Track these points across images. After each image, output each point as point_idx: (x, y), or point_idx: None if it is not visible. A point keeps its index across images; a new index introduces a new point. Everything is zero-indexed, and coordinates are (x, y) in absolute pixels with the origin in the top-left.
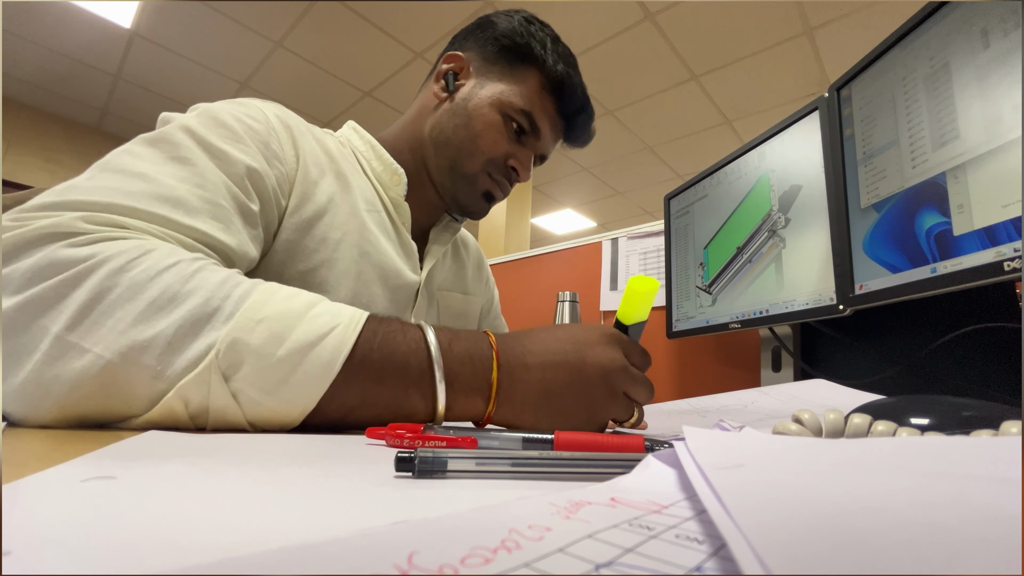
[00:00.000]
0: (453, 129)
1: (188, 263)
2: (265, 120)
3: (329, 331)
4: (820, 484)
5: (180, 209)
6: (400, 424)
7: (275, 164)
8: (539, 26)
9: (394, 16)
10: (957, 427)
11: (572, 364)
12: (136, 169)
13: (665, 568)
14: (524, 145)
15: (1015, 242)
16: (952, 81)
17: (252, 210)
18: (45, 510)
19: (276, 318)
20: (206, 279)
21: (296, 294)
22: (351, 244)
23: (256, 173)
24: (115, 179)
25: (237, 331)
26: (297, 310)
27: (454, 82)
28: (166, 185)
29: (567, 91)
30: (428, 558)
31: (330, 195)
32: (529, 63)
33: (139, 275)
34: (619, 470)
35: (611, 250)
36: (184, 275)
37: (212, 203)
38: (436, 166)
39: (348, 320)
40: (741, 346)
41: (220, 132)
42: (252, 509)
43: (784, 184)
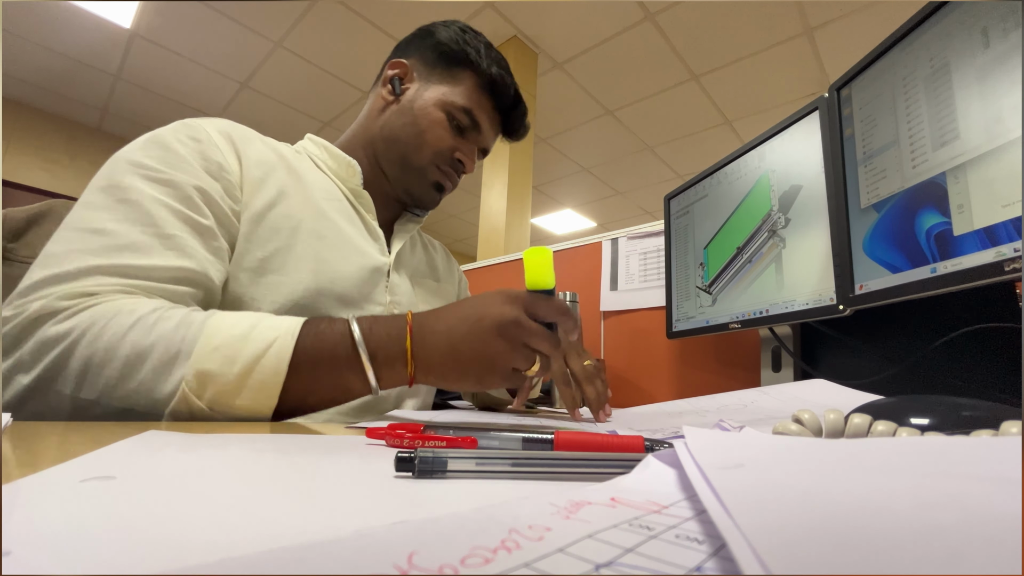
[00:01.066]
0: (401, 127)
1: (147, 316)
2: (206, 136)
3: (272, 343)
4: (820, 484)
5: (136, 254)
6: (400, 424)
7: (220, 175)
8: (473, 34)
9: (394, 16)
10: (957, 427)
11: (471, 320)
12: (92, 225)
13: (665, 568)
14: (467, 139)
15: (1015, 242)
16: (952, 81)
17: (206, 225)
18: (45, 510)
19: (226, 344)
20: (163, 328)
21: (240, 320)
22: (307, 230)
23: (203, 191)
24: (78, 239)
25: (198, 363)
26: (241, 333)
27: (400, 86)
28: (119, 234)
29: (500, 89)
30: (428, 558)
31: (280, 188)
32: (465, 66)
33: (110, 340)
34: (619, 470)
35: (611, 250)
36: (145, 329)
37: (161, 236)
38: (388, 161)
39: (286, 330)
40: (741, 346)
41: (164, 157)
42: (252, 509)
43: (784, 184)
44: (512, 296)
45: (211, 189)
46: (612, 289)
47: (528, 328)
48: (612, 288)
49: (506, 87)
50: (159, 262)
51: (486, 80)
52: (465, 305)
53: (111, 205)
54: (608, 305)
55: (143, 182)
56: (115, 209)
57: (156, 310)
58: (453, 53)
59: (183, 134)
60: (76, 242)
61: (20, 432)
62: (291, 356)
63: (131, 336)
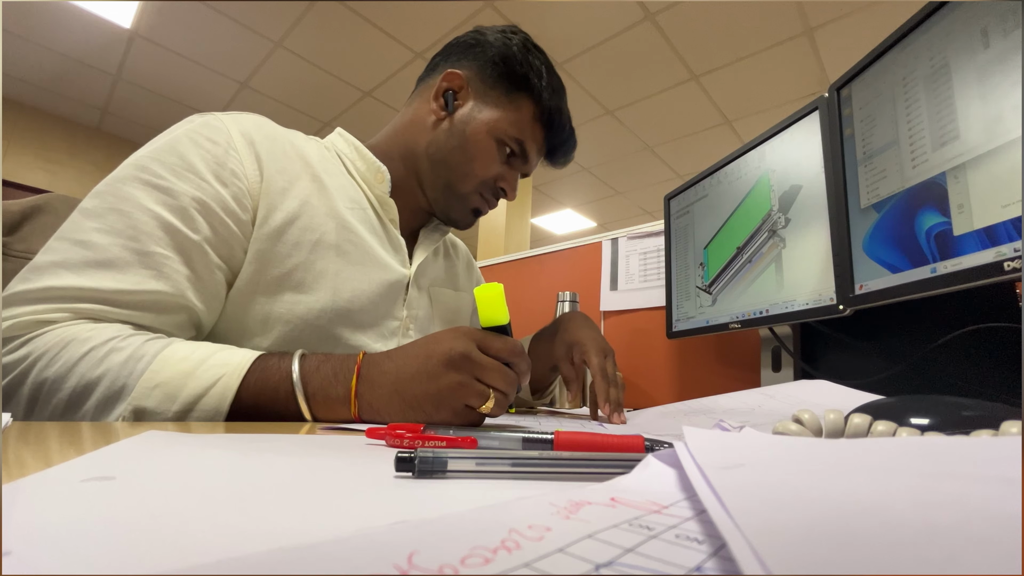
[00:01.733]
0: (450, 150)
1: (98, 348)
2: (226, 140)
3: (215, 382)
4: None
5: (111, 272)
6: (400, 424)
7: (232, 182)
8: (536, 53)
9: (394, 16)
10: (957, 427)
11: (421, 357)
12: (79, 236)
13: (665, 568)
14: (512, 167)
15: (1015, 242)
16: (952, 81)
17: (194, 241)
18: (45, 510)
19: (168, 381)
20: (112, 361)
21: (192, 352)
22: (328, 245)
23: (203, 202)
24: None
25: (136, 400)
26: (187, 370)
27: (453, 101)
28: (100, 248)
29: (556, 124)
30: (428, 558)
31: (303, 199)
32: (525, 92)
33: (60, 369)
34: (619, 470)
35: (611, 250)
36: (94, 361)
37: (142, 253)
38: (431, 183)
39: (234, 368)
40: (741, 346)
41: (173, 163)
42: (252, 509)
43: (784, 184)
44: (463, 331)
45: (213, 199)
46: (612, 289)
47: (479, 362)
48: (612, 288)
49: (562, 123)
50: (131, 285)
51: (544, 112)
52: (417, 343)
53: (102, 212)
54: (608, 305)
55: (141, 189)
56: (104, 217)
57: (110, 340)
58: (514, 76)
59: (202, 135)
60: (60, 252)
61: (20, 432)
62: (234, 396)
63: (80, 367)
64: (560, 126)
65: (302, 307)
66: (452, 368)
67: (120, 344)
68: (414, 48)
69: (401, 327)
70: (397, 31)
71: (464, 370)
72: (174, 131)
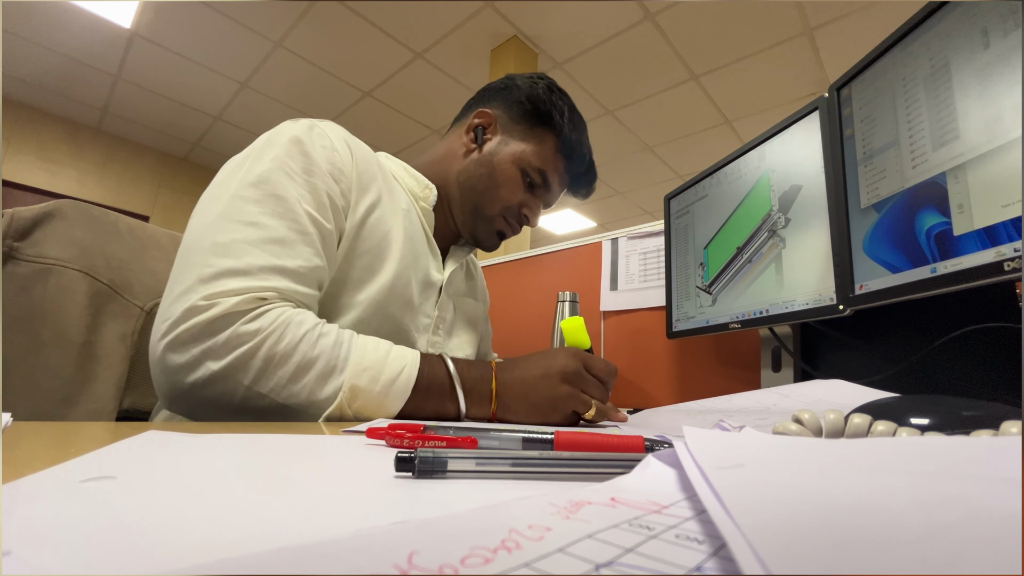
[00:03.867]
0: (478, 178)
1: (311, 332)
2: (331, 143)
3: (401, 370)
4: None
5: (283, 249)
6: (400, 424)
7: (341, 178)
8: (559, 95)
9: (394, 16)
10: (957, 427)
11: (543, 369)
12: (248, 218)
13: (665, 568)
14: (535, 195)
15: (1015, 242)
16: (952, 81)
17: (328, 230)
18: (45, 510)
19: (371, 366)
20: (324, 343)
21: (377, 345)
22: (394, 237)
23: (331, 197)
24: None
25: (351, 379)
26: (381, 358)
27: (482, 136)
28: (270, 227)
29: (576, 155)
30: (428, 558)
31: (378, 196)
32: (548, 128)
33: (286, 346)
34: (619, 470)
35: (611, 250)
36: (311, 342)
37: (302, 232)
38: (460, 206)
39: (411, 361)
40: (741, 346)
41: (304, 161)
42: (252, 509)
43: (784, 184)
44: (574, 352)
45: (334, 194)
46: (612, 289)
47: (587, 379)
48: (612, 288)
49: (582, 155)
50: (301, 261)
51: (565, 144)
52: (538, 357)
53: (262, 199)
54: (608, 305)
55: (288, 180)
56: (265, 203)
57: (317, 325)
58: (539, 113)
59: (315, 138)
60: (238, 232)
61: (20, 432)
62: (414, 382)
63: (302, 346)
64: (580, 158)
65: (373, 286)
66: (566, 381)
67: (324, 329)
68: (414, 48)
69: (432, 324)
70: (397, 31)
71: (575, 384)
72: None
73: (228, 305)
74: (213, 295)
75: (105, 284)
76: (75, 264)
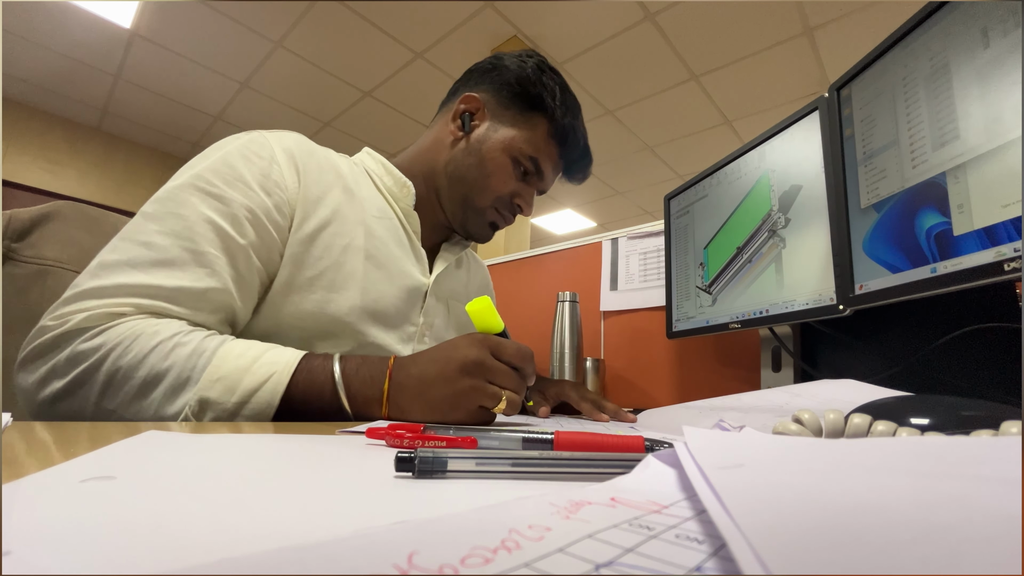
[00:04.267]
0: (467, 168)
1: (166, 342)
2: (269, 154)
3: (268, 378)
4: (820, 484)
5: (172, 270)
6: (400, 424)
7: (275, 192)
8: (550, 74)
9: (394, 16)
10: (957, 427)
11: (441, 362)
12: (142, 237)
13: (665, 568)
14: (528, 184)
15: (1015, 242)
16: (952, 81)
17: (241, 244)
18: (45, 510)
19: (228, 375)
20: (179, 354)
21: (248, 349)
22: (357, 248)
23: (251, 211)
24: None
25: (201, 391)
26: (244, 365)
27: (470, 122)
28: (161, 248)
29: (570, 140)
30: (428, 558)
31: (335, 207)
32: (539, 112)
33: (132, 360)
34: (619, 470)
35: (611, 250)
36: (163, 354)
37: (197, 252)
38: (449, 197)
39: (284, 366)
40: (741, 346)
41: (226, 173)
42: (252, 509)
43: (784, 184)
44: (478, 339)
45: (260, 208)
46: (612, 289)
47: (492, 367)
48: (612, 288)
49: (576, 139)
50: (186, 282)
51: (558, 129)
52: (438, 349)
53: (163, 216)
54: (608, 305)
55: (197, 195)
56: (164, 220)
57: (175, 335)
58: (529, 96)
59: (249, 151)
60: (125, 252)
61: (20, 432)
62: (284, 391)
63: (150, 359)
64: (574, 143)
65: (333, 306)
66: (467, 374)
67: (184, 339)
68: (414, 48)
69: (418, 332)
70: (397, 31)
71: (478, 375)
72: (225, 146)
73: (73, 322)
74: (63, 314)
75: None
76: (73, 265)
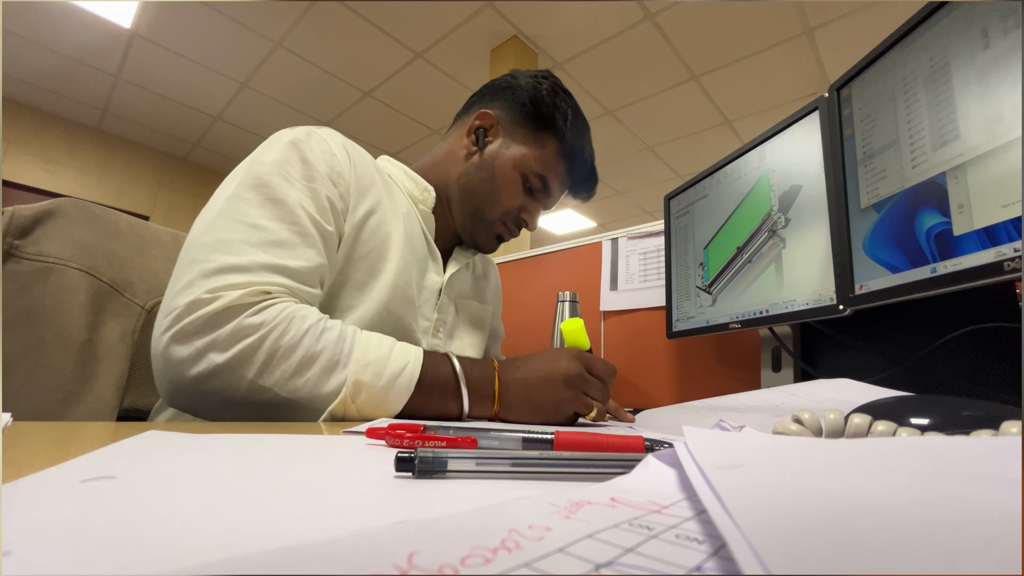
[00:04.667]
0: (479, 182)
1: (315, 326)
2: (329, 148)
3: (405, 366)
4: (820, 484)
5: (287, 250)
6: (400, 424)
7: (339, 182)
8: (563, 97)
9: (394, 16)
10: (957, 427)
11: (545, 372)
12: (249, 220)
13: (665, 568)
14: (535, 200)
15: (1015, 242)
16: (952, 81)
17: (329, 231)
18: (45, 510)
19: (375, 361)
20: (328, 338)
21: (381, 340)
22: (395, 239)
23: (331, 200)
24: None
25: (355, 374)
26: (384, 354)
27: (484, 138)
28: (271, 230)
29: (578, 160)
30: (428, 558)
31: (378, 198)
32: (550, 132)
33: (290, 340)
34: (619, 470)
35: (611, 250)
36: (315, 336)
37: (303, 234)
38: (460, 209)
39: (414, 357)
40: (741, 346)
41: (302, 165)
42: (252, 509)
43: (784, 184)
44: (576, 355)
45: (333, 197)
46: (612, 289)
47: (589, 381)
48: (612, 288)
49: (584, 159)
50: (303, 261)
51: (567, 149)
52: (540, 359)
53: (263, 203)
54: (608, 305)
55: (286, 184)
56: (266, 207)
57: (320, 319)
58: (541, 116)
59: (313, 143)
60: (239, 232)
61: (20, 432)
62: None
63: (306, 340)
64: (582, 162)
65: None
66: (568, 385)
67: (328, 324)
68: (414, 48)
69: (431, 327)
70: (397, 31)
71: (578, 387)
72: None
73: (232, 298)
74: (216, 288)
75: (106, 283)
76: (76, 263)
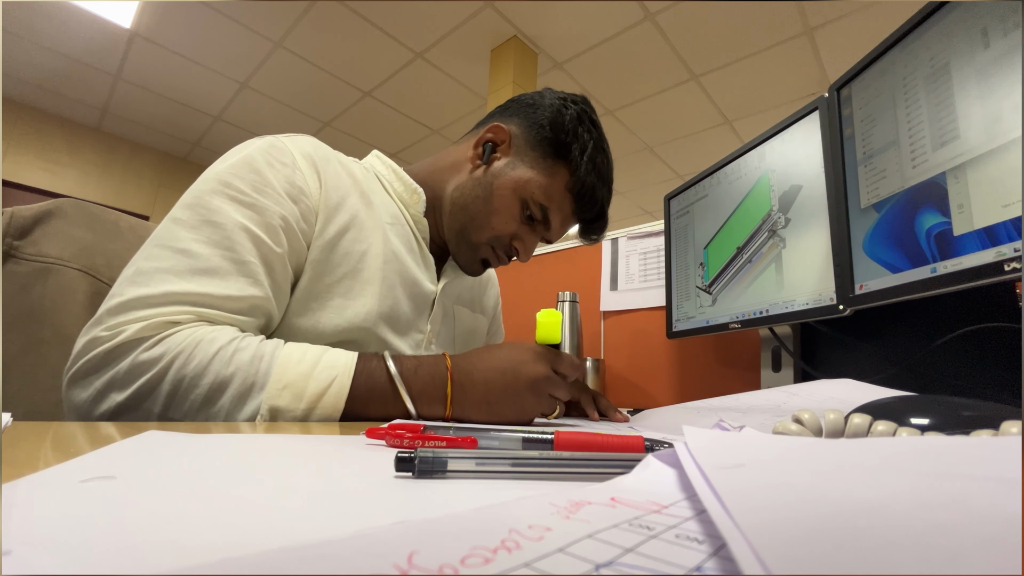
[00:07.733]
0: (472, 199)
1: (226, 348)
2: (291, 160)
3: (331, 381)
4: (820, 484)
5: (213, 279)
6: (400, 424)
7: (300, 199)
8: (588, 127)
9: (394, 16)
10: (957, 427)
11: (508, 375)
12: (179, 245)
13: (665, 568)
14: (532, 230)
15: (1015, 242)
16: (952, 81)
17: (278, 254)
18: (45, 510)
19: (293, 382)
20: (241, 360)
21: (304, 354)
22: (375, 254)
23: (284, 219)
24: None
25: (269, 400)
26: (306, 371)
27: (491, 153)
28: (201, 256)
29: (587, 200)
30: (428, 558)
31: (354, 213)
32: (563, 161)
33: (196, 367)
34: (619, 470)
35: (611, 250)
36: (225, 360)
37: (239, 262)
38: (448, 224)
39: (343, 369)
40: (741, 346)
41: (254, 180)
42: (252, 509)
43: (784, 184)
44: (542, 355)
45: (291, 216)
46: (612, 289)
47: (555, 382)
48: (612, 288)
49: (594, 200)
50: (233, 291)
51: (577, 185)
52: (500, 358)
53: (197, 225)
54: (608, 305)
55: (230, 204)
56: (200, 229)
57: (232, 340)
58: (557, 143)
59: (272, 156)
60: (163, 260)
61: (20, 432)
62: (348, 393)
63: (214, 365)
64: (592, 202)
65: (350, 312)
66: (534, 389)
67: (242, 344)
68: (414, 48)
69: (424, 340)
70: (397, 31)
71: (543, 390)
72: (243, 151)
73: (129, 332)
74: (117, 324)
75: (105, 283)
76: (75, 263)
